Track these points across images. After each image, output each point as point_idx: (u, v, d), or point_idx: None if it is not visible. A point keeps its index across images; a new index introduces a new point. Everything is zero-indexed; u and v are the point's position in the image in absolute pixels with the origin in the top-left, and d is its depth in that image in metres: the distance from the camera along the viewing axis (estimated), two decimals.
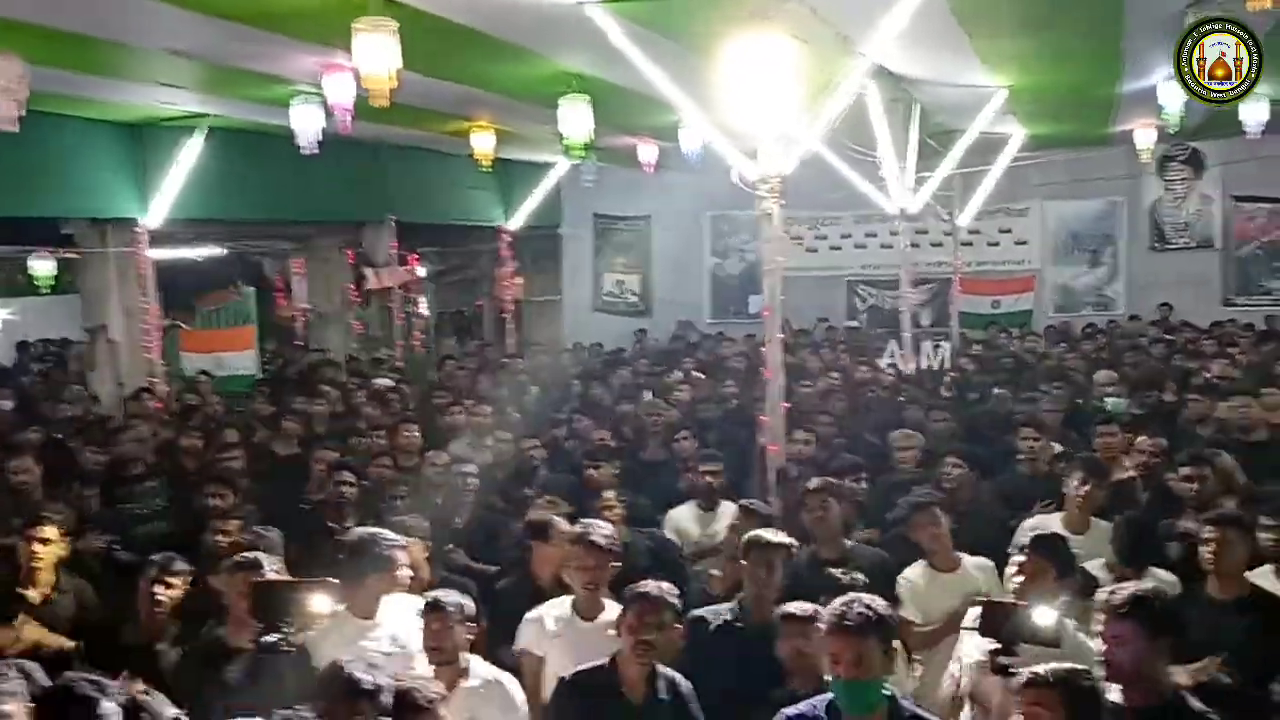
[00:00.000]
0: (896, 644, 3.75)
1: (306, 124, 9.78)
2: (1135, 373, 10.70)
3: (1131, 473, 6.92)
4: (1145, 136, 14.01)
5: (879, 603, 3.66)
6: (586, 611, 4.94)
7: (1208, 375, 10.14)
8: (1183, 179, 16.79)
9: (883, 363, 12.90)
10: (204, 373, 11.73)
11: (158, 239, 12.39)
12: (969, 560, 5.60)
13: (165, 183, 11.38)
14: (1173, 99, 10.93)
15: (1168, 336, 14.37)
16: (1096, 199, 17.16)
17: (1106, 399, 9.29)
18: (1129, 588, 3.83)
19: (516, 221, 17.28)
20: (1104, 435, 7.52)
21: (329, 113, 9.08)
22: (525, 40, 8.36)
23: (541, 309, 19.57)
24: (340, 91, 8.55)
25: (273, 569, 4.79)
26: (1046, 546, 4.71)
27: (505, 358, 14.56)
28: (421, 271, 18.19)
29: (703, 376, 11.71)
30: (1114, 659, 3.63)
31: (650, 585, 4.37)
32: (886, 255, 16.18)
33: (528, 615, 5.02)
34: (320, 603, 4.06)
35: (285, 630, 3.94)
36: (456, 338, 18.14)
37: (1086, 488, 6.02)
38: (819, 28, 7.30)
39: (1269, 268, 16.64)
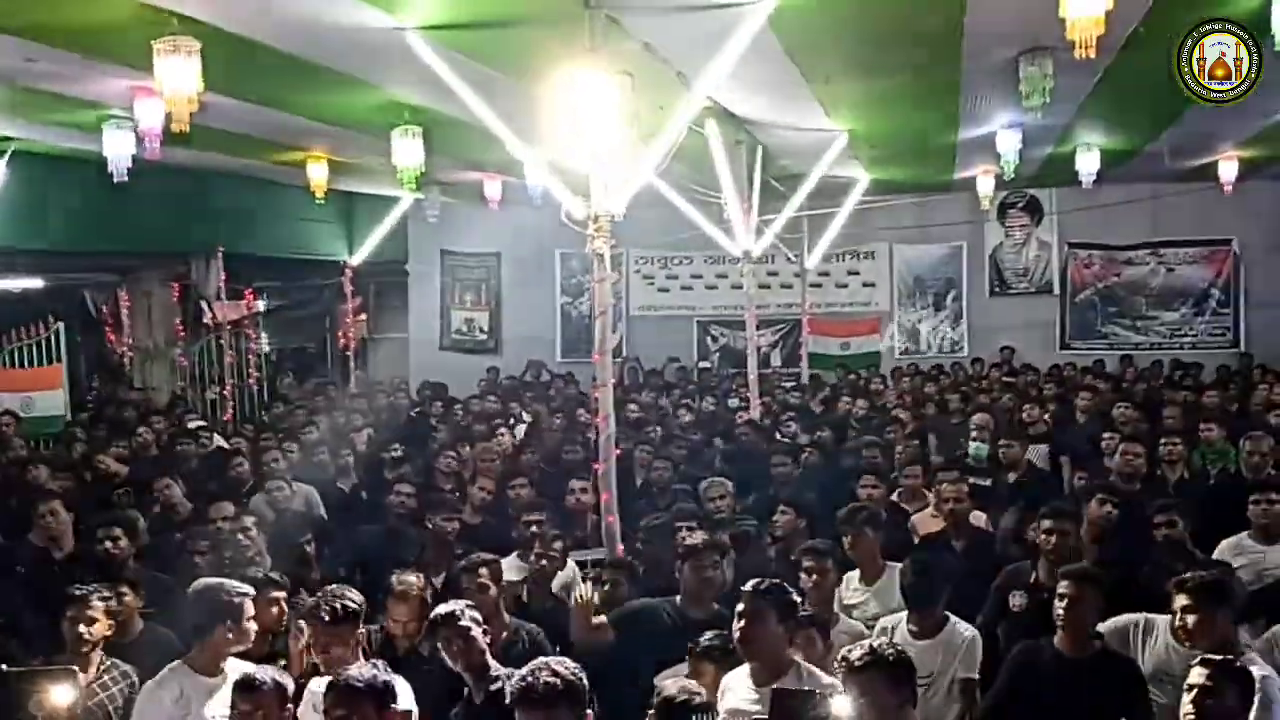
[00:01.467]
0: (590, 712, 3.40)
1: (118, 150, 9.27)
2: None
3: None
4: (985, 183, 14.29)
5: (567, 667, 3.39)
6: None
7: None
8: (1021, 225, 17.18)
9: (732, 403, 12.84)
10: (8, 412, 10.85)
11: None
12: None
13: None
14: (1009, 146, 11.14)
15: (1009, 380, 14.60)
16: (941, 244, 17.44)
17: (971, 443, 9.19)
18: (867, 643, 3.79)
19: (360, 256, 16.68)
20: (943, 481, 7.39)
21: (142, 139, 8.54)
22: (349, 68, 8.00)
23: (387, 346, 19.00)
24: (150, 116, 8.09)
25: None
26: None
27: (349, 397, 13.98)
28: (261, 306, 17.50)
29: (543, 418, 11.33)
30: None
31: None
32: (738, 296, 16.11)
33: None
34: (62, 694, 3.54)
35: None
36: (295, 376, 17.37)
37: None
38: (651, 64, 7.11)
39: (1104, 313, 17.11)
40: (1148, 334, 16.91)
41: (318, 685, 4.53)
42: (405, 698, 3.99)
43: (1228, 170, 13.59)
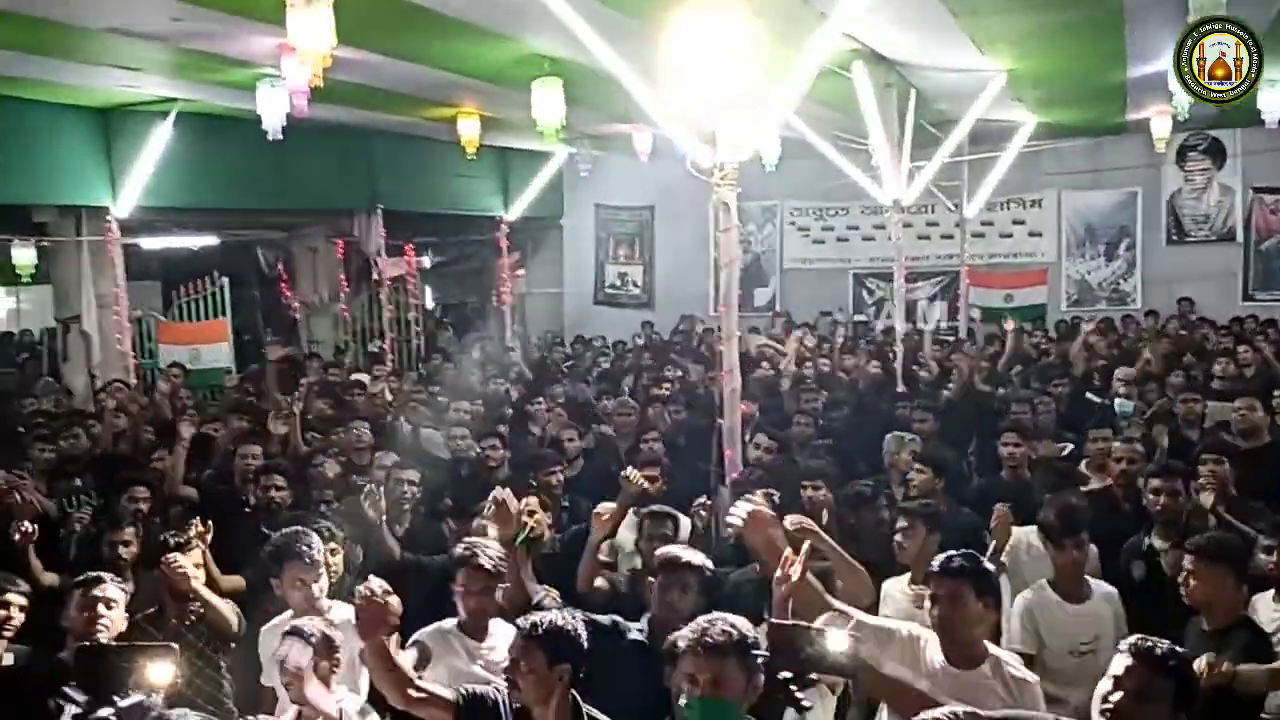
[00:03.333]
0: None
1: (272, 107, 9.48)
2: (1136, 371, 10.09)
3: (1108, 481, 6.46)
4: (1161, 125, 13.46)
5: (744, 623, 3.32)
6: (472, 632, 4.63)
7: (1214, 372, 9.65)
8: (1202, 169, 16.15)
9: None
10: (176, 364, 11.41)
11: (134, 228, 12.12)
12: None
13: (135, 169, 11.07)
14: None
15: (1184, 333, 13.81)
16: (1113, 190, 16.57)
17: (1117, 399, 8.76)
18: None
19: (516, 212, 16.89)
20: (1095, 440, 7.07)
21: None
22: (483, 19, 8.05)
23: (543, 301, 19.21)
24: (296, 73, 8.22)
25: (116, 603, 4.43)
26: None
27: (505, 351, 14.22)
28: (426, 262, 17.94)
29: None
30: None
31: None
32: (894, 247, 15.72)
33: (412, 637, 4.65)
34: (159, 672, 3.31)
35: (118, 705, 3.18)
36: (454, 331, 17.75)
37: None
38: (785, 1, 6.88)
39: None
40: None
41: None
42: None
43: None
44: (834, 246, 17.90)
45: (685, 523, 5.80)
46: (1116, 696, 3.07)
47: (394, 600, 3.62)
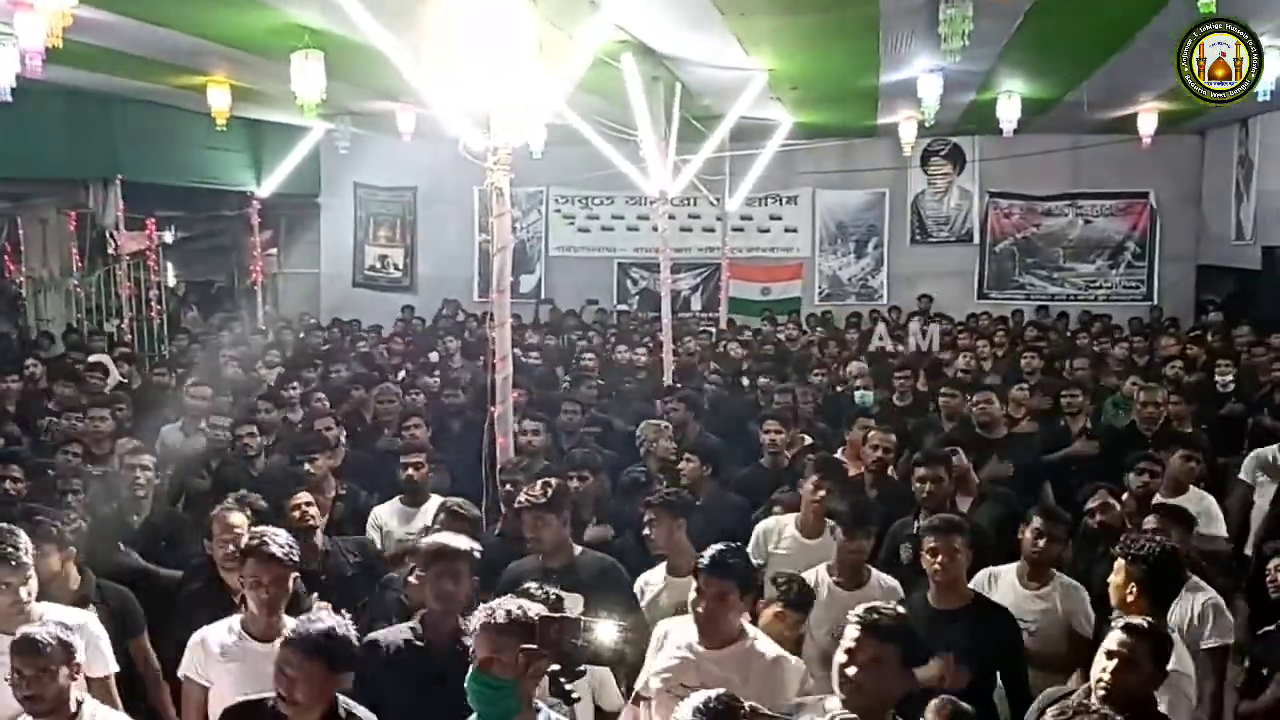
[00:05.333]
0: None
1: (0, 68, 8.68)
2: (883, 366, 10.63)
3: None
4: (908, 129, 14.16)
5: (533, 609, 3.37)
6: (260, 633, 4.28)
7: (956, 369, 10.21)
8: (944, 173, 17.15)
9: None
10: None
11: None
12: None
13: None
14: (930, 92, 10.99)
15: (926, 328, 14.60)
16: (863, 190, 17.35)
17: (855, 392, 9.17)
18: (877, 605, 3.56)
19: (269, 188, 16.14)
20: (860, 428, 7.30)
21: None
22: None
23: (298, 282, 18.49)
24: (29, 31, 7.57)
25: None
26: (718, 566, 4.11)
27: (252, 334, 13.57)
28: (167, 237, 16.89)
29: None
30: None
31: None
32: (659, 238, 15.95)
33: (191, 639, 4.33)
34: None
35: None
36: (200, 310, 16.84)
37: (821, 491, 5.72)
38: None
39: (1022, 263, 17.18)
40: (1064, 285, 17.05)
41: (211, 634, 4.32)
42: None
43: (1147, 123, 13.61)
44: (599, 235, 18.02)
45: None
46: (852, 670, 3.32)
47: None
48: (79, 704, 3.73)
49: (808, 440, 7.64)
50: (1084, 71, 11.18)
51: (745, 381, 10.54)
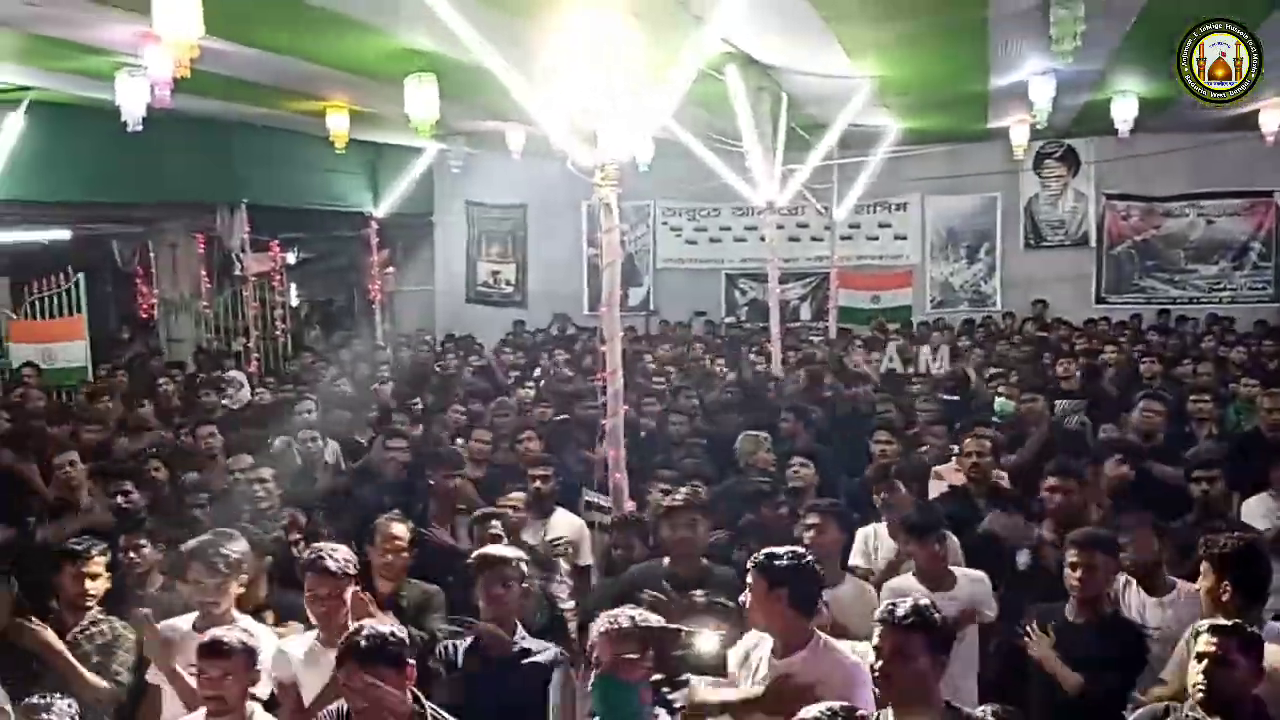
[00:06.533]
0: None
1: (132, 98, 9.14)
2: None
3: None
4: (1020, 133, 13.94)
5: (654, 617, 3.55)
6: (329, 641, 4.37)
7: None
8: (1058, 176, 16.79)
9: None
10: (29, 363, 10.88)
11: None
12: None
13: None
14: (1042, 94, 10.81)
15: (1041, 334, 14.34)
16: (974, 195, 17.09)
17: (997, 399, 8.99)
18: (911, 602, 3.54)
19: (385, 208, 16.58)
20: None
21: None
22: (356, 12, 7.87)
23: (414, 299, 18.94)
24: (159, 63, 7.94)
25: None
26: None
27: (374, 350, 13.96)
28: (290, 258, 17.49)
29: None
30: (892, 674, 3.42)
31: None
32: (766, 249, 15.95)
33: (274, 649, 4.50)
34: None
35: None
36: (322, 329, 17.37)
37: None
38: (663, 3, 6.89)
39: (1142, 266, 16.73)
40: (1186, 288, 16.53)
41: (291, 645, 4.48)
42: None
43: (1270, 120, 13.12)
44: (706, 247, 18.08)
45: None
46: (880, 664, 3.41)
47: None
48: (252, 712, 3.92)
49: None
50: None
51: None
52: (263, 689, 4.10)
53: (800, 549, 4.25)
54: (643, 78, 6.34)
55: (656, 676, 3.39)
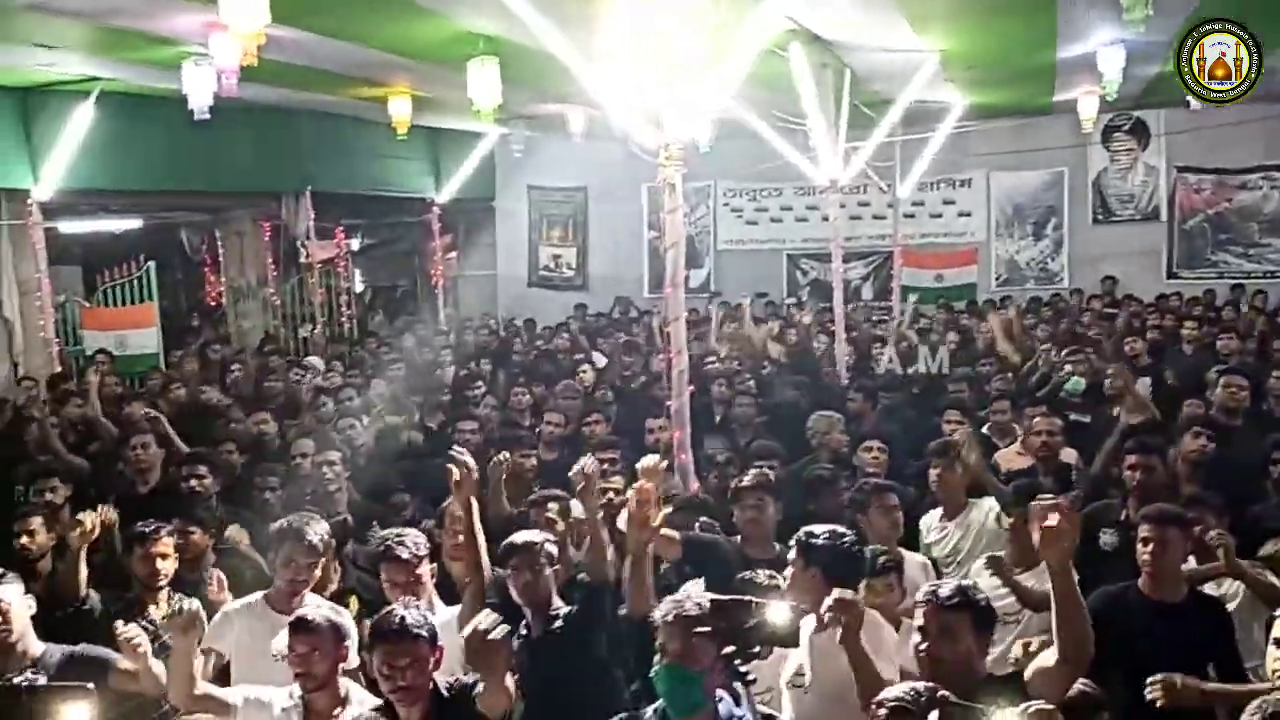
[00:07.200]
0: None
1: (198, 87, 9.26)
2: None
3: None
4: (1088, 105, 13.64)
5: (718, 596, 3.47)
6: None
7: None
8: (1127, 149, 16.42)
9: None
10: (102, 350, 11.10)
11: (55, 211, 11.77)
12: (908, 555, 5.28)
13: (56, 151, 10.75)
14: (1111, 65, 10.58)
15: (1110, 311, 14.07)
16: (1040, 170, 16.79)
17: (1072, 378, 8.81)
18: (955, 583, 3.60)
19: (447, 193, 16.69)
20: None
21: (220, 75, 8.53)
22: None
23: (476, 283, 19.05)
24: (224, 52, 8.04)
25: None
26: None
27: (435, 335, 14.06)
28: (354, 245, 17.68)
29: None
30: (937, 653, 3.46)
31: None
32: (828, 228, 15.77)
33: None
34: (77, 714, 3.31)
35: None
36: (386, 313, 17.53)
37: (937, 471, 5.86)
38: None
39: (1214, 240, 16.34)
40: (1261, 262, 16.06)
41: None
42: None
43: None
44: (768, 227, 17.94)
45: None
46: (926, 644, 3.46)
47: None
48: (347, 690, 3.96)
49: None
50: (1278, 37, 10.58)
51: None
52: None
53: (841, 529, 4.24)
54: (706, 57, 6.30)
55: (728, 650, 3.34)
